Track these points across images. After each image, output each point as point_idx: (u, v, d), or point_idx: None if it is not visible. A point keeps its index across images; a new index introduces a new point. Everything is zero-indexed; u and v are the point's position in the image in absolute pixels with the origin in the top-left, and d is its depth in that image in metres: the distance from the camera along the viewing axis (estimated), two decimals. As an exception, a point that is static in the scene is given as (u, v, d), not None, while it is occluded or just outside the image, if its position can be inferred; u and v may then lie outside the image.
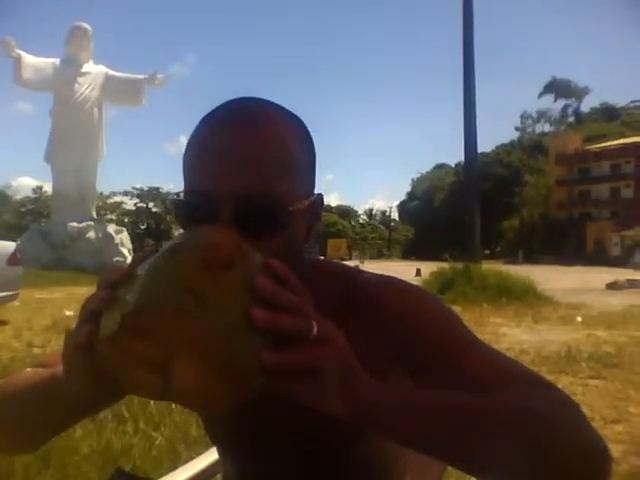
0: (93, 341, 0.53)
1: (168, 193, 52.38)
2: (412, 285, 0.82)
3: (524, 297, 10.82)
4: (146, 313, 0.49)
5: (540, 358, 5.97)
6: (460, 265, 13.08)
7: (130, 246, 22.37)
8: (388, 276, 0.82)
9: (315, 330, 0.53)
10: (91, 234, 20.79)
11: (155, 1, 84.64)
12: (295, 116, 0.75)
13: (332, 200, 59.28)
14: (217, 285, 0.50)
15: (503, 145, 69.37)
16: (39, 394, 0.69)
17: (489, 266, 14.67)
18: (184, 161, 0.72)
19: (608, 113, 71.22)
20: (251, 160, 0.67)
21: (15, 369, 5.30)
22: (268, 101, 0.74)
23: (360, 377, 0.58)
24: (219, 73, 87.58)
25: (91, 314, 0.54)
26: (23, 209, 45.88)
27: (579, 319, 9.17)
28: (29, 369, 0.80)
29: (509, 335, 7.79)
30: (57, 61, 22.12)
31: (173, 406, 3.78)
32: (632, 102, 73.16)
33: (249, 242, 0.59)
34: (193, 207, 0.69)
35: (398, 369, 0.75)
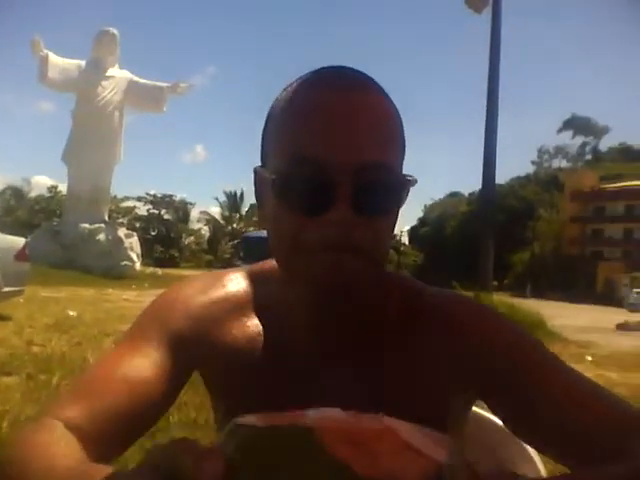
0: None
1: (182, 201, 52.68)
2: (486, 305, 0.79)
3: (534, 332, 10.54)
4: None
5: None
6: (470, 294, 12.92)
7: (139, 251, 22.41)
8: (457, 293, 0.80)
9: None
10: (101, 236, 20.83)
11: (181, 12, 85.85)
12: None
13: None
14: None
15: (519, 178, 69.26)
16: None
17: (499, 297, 14.50)
18: (279, 125, 0.65)
19: (626, 153, 70.96)
20: (368, 127, 0.61)
21: (13, 366, 5.21)
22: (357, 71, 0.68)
23: None
24: (238, 86, 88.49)
25: None
26: (37, 207, 46.18)
27: (589, 358, 8.97)
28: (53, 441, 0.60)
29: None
30: (83, 63, 22.41)
31: (170, 419, 3.67)
32: (651, 144, 72.94)
33: (363, 219, 0.60)
34: (304, 177, 0.61)
35: (466, 388, 0.72)
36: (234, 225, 55.58)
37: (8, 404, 4.01)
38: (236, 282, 0.81)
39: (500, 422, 0.95)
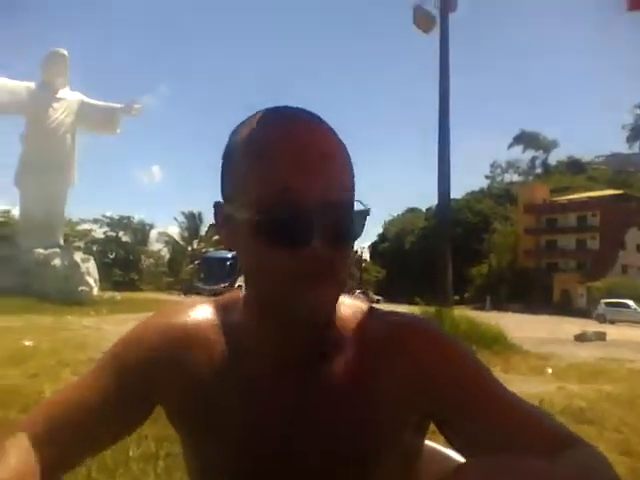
0: None
1: (140, 222, 51.86)
2: (439, 329, 0.80)
3: (494, 345, 10.78)
4: None
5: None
6: (431, 309, 13.06)
7: (97, 276, 21.91)
8: (412, 316, 0.81)
9: None
10: (57, 261, 20.29)
11: (129, 33, 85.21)
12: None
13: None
14: None
15: (473, 192, 70.73)
16: None
17: (460, 312, 14.68)
18: (245, 166, 0.68)
19: (574, 166, 73.39)
20: (332, 166, 0.66)
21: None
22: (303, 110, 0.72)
23: None
24: (190, 105, 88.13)
25: None
26: (-13, 232, 44.76)
27: (549, 370, 9.15)
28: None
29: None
30: (32, 85, 21.93)
31: (130, 453, 3.58)
32: (597, 157, 75.66)
33: (333, 252, 0.66)
34: (282, 217, 0.65)
35: (419, 411, 0.75)
36: (194, 246, 54.99)
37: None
38: (202, 313, 0.83)
39: (452, 454, 0.95)
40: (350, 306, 0.81)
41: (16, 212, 34.16)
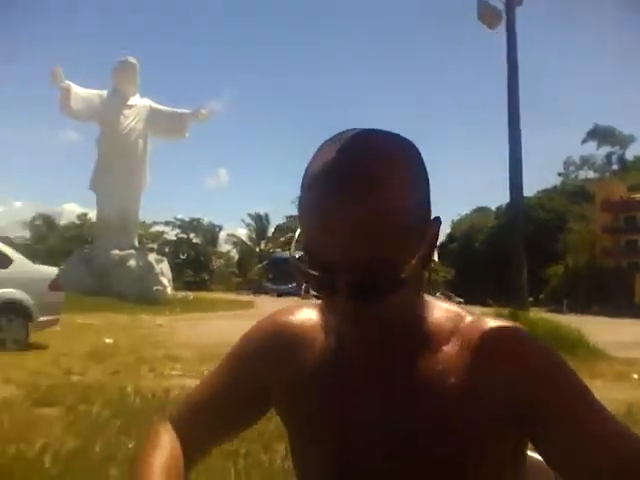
0: None
1: (209, 224, 53.11)
2: (536, 338, 0.78)
3: (576, 351, 10.27)
4: None
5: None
6: (505, 311, 12.64)
7: (170, 276, 22.56)
8: (508, 326, 0.79)
9: None
10: (132, 262, 21.03)
11: (194, 39, 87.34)
12: (407, 149, 0.71)
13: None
14: None
15: (546, 190, 68.34)
16: None
17: (535, 314, 14.15)
18: (300, 209, 0.70)
19: (655, 162, 69.59)
20: (363, 231, 0.65)
21: (53, 398, 5.19)
22: (373, 142, 0.70)
23: None
24: (255, 109, 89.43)
25: None
26: (67, 235, 46.94)
27: (635, 376, 8.65)
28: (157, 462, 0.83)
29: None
30: (104, 93, 22.81)
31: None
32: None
33: (362, 307, 0.67)
34: (311, 268, 0.69)
35: (515, 422, 0.73)
36: (262, 246, 55.80)
37: (49, 437, 3.97)
38: (308, 316, 0.89)
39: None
40: (443, 310, 0.81)
41: (92, 215, 35.90)
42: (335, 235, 0.65)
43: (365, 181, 0.65)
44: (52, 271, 9.54)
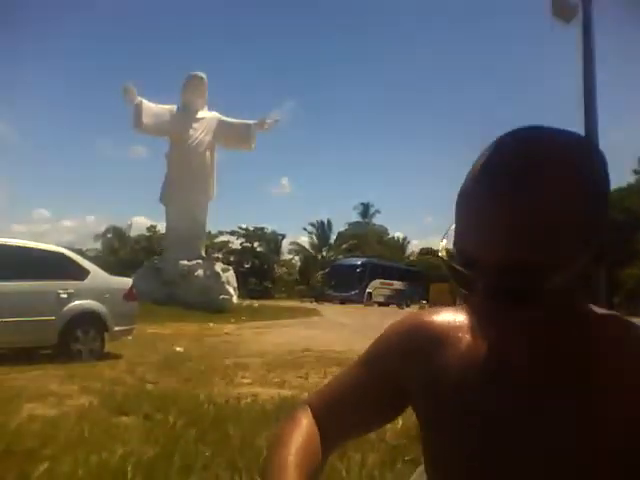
0: None
1: (273, 233, 53.73)
2: None
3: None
4: None
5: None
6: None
7: (235, 284, 22.90)
8: None
9: None
10: (200, 272, 21.48)
11: (256, 52, 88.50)
12: (581, 149, 0.68)
13: (433, 244, 58.49)
14: None
15: (620, 189, 65.47)
16: None
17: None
18: (460, 200, 0.69)
19: None
20: (517, 231, 0.63)
21: (129, 406, 5.32)
22: (547, 138, 0.67)
23: None
24: (315, 119, 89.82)
25: None
26: (138, 246, 48.60)
27: None
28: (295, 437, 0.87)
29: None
30: (174, 108, 23.47)
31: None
32: None
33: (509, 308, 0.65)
34: (459, 264, 0.69)
35: None
36: (324, 254, 55.97)
37: (129, 445, 4.05)
38: (449, 316, 0.87)
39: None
40: (607, 318, 0.77)
41: (160, 227, 36.91)
42: (488, 232, 0.64)
43: (525, 180, 0.64)
44: (127, 282, 9.86)
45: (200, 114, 23.63)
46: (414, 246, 63.69)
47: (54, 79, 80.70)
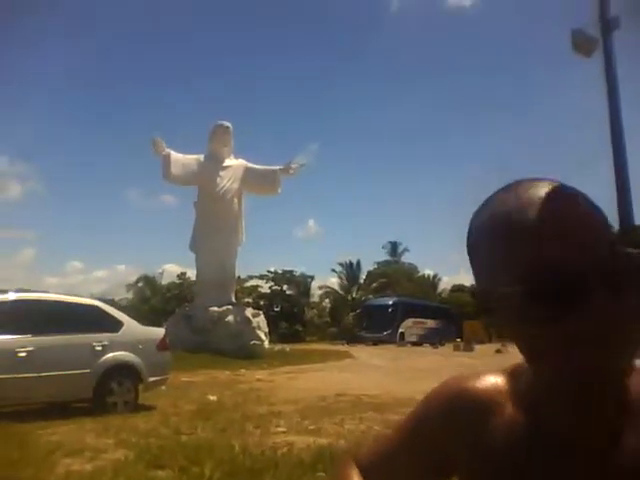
0: None
1: (301, 275, 53.73)
2: None
3: None
4: None
5: None
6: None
7: (266, 329, 22.85)
8: None
9: None
10: (230, 318, 21.51)
11: (279, 98, 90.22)
12: (577, 190, 0.72)
13: (463, 280, 57.60)
14: None
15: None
16: None
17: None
18: (503, 243, 0.67)
19: None
20: (595, 225, 0.65)
21: (165, 458, 5.29)
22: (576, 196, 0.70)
23: None
24: (338, 160, 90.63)
25: None
26: (169, 294, 49.01)
27: None
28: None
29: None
30: (201, 157, 23.98)
31: None
32: None
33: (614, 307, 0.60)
34: (552, 281, 0.63)
35: None
36: (354, 294, 55.67)
37: (166, 501, 4.02)
38: (491, 381, 0.84)
39: None
40: None
41: (190, 274, 37.21)
42: (576, 233, 0.64)
43: (568, 187, 0.69)
44: (159, 332, 9.93)
45: (227, 162, 24.08)
46: (445, 283, 62.82)
47: (85, 133, 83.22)
